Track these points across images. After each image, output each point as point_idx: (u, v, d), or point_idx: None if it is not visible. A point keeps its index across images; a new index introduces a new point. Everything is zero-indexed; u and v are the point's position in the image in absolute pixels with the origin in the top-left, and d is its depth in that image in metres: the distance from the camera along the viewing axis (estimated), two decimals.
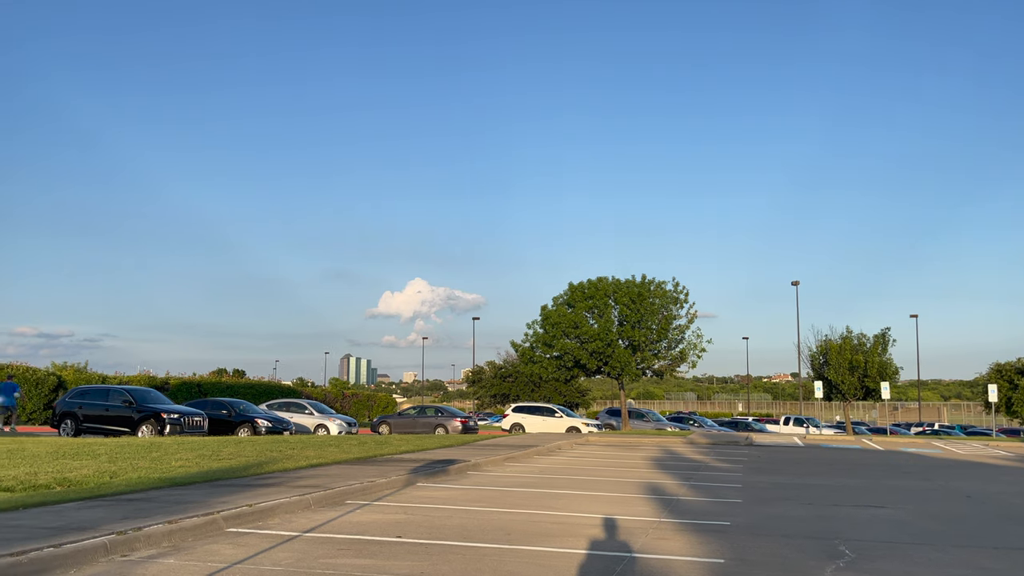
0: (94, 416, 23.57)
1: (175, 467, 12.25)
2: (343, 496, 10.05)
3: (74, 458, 13.24)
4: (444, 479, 13.18)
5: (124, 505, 8.29)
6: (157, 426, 22.70)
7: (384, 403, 58.12)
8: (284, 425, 27.27)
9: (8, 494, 8.75)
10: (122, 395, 23.99)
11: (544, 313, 38.47)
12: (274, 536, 7.39)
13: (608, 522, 8.80)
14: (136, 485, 9.92)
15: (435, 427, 32.85)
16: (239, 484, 10.49)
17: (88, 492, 9.11)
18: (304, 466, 13.29)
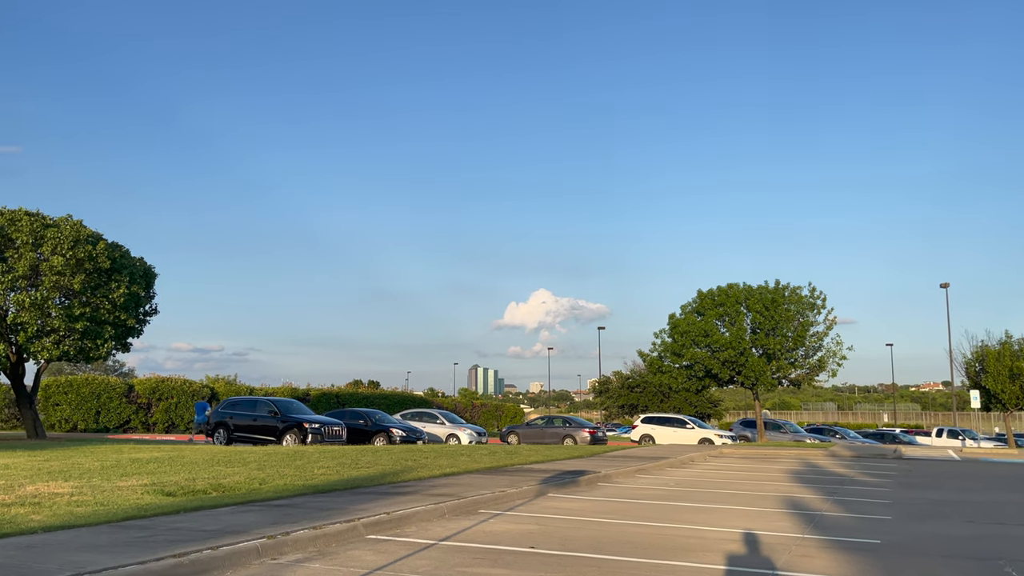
0: (243, 426, 25.02)
1: (317, 475, 12.79)
2: (476, 505, 10.17)
3: (227, 465, 14.08)
4: (575, 490, 13.11)
5: (273, 510, 8.72)
6: (300, 435, 23.83)
7: (512, 413, 58.70)
8: (417, 434, 28.00)
9: (170, 498, 9.39)
10: (268, 406, 25.37)
11: (672, 322, 37.72)
12: (411, 544, 7.56)
13: (747, 537, 8.48)
14: (283, 492, 10.42)
15: (563, 438, 32.83)
16: (377, 492, 10.83)
17: (240, 498, 9.65)
18: (438, 475, 13.57)
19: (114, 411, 39.36)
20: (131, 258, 25.74)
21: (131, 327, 25.34)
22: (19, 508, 8.13)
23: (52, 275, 22.40)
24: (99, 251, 23.50)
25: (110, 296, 23.89)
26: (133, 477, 11.55)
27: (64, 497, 9.08)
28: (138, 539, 6.70)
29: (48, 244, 22.59)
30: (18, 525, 7.10)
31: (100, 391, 39.29)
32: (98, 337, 23.86)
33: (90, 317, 23.43)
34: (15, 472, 11.92)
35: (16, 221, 22.86)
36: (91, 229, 24.37)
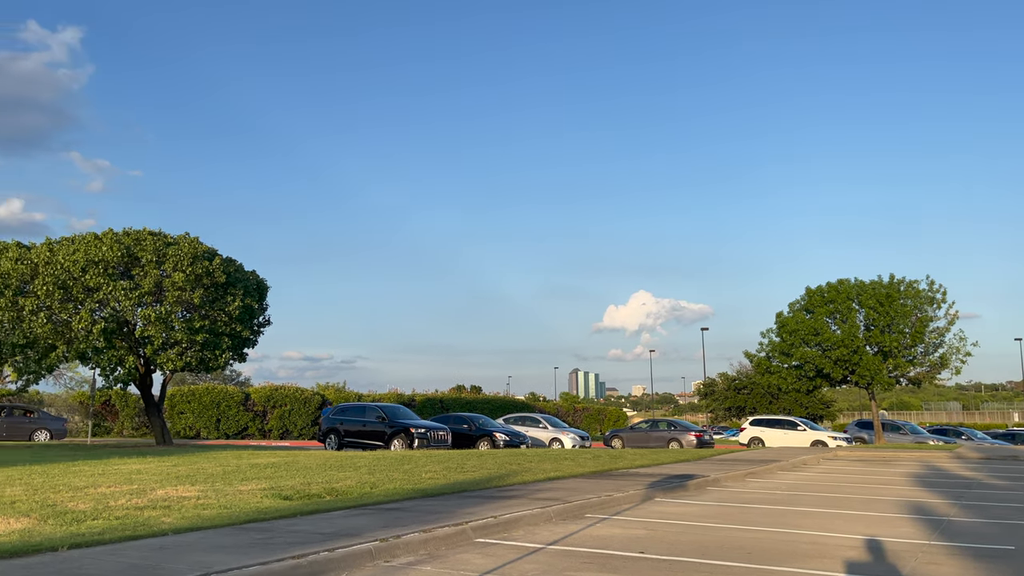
0: (353, 431, 25.78)
1: (425, 479, 13.03)
2: (582, 509, 10.12)
3: (339, 470, 14.53)
4: (683, 494, 12.86)
5: (384, 514, 8.93)
6: (407, 440, 24.35)
7: (615, 417, 58.20)
8: (521, 439, 28.13)
9: (287, 502, 9.76)
10: (376, 412, 26.05)
11: (780, 320, 36.54)
12: (519, 547, 7.59)
13: (869, 543, 8.10)
14: (393, 495, 10.66)
15: (668, 441, 32.30)
16: (483, 496, 10.93)
17: (352, 501, 9.93)
18: (542, 479, 13.59)
19: (233, 418, 41.32)
20: (244, 272, 26.97)
21: (246, 338, 26.54)
22: (151, 511, 8.62)
23: (174, 290, 23.73)
24: (215, 266, 24.74)
25: (226, 309, 25.10)
26: (252, 481, 12.07)
27: (191, 501, 9.58)
28: (259, 541, 6.98)
29: (170, 261, 23.96)
30: (151, 527, 7.53)
31: (220, 400, 41.33)
32: (217, 348, 25.11)
33: (209, 329, 24.69)
34: (146, 477, 12.67)
35: (141, 241, 24.35)
36: (207, 245, 25.70)
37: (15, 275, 23.32)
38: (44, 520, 7.79)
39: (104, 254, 23.43)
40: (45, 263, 23.43)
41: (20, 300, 23.21)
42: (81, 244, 24.01)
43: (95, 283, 23.25)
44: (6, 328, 22.85)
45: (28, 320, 23.05)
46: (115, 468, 14.32)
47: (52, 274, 23.08)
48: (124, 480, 12.03)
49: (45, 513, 8.25)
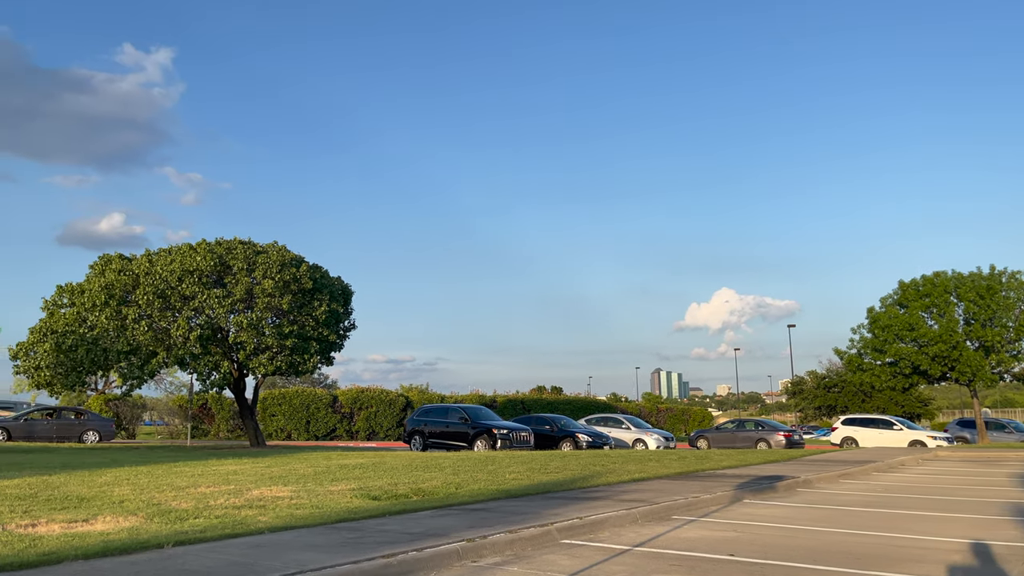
0: (437, 432, 26.12)
1: (509, 479, 13.10)
2: (668, 511, 9.99)
3: (425, 470, 14.76)
4: (772, 496, 12.55)
5: (469, 514, 9.02)
6: (490, 441, 24.53)
7: (699, 417, 57.20)
8: (603, 439, 27.97)
9: (376, 502, 9.98)
10: (459, 413, 26.33)
11: (872, 316, 35.24)
12: (605, 549, 7.55)
13: (974, 547, 7.72)
14: (477, 496, 10.76)
15: (756, 441, 31.56)
16: (568, 497, 10.92)
17: (439, 502, 10.07)
18: (627, 480, 13.48)
19: (321, 420, 42.47)
20: (330, 278, 27.70)
21: (333, 342, 27.26)
22: (248, 510, 8.95)
23: (264, 297, 24.58)
24: (302, 273, 25.50)
25: (313, 314, 25.83)
26: (342, 482, 12.39)
27: (285, 500, 9.89)
28: (350, 540, 7.16)
29: (259, 269, 24.82)
30: (248, 526, 7.82)
31: (309, 402, 42.55)
32: (305, 352, 25.88)
33: (298, 334, 25.46)
34: (242, 477, 13.15)
35: (232, 250, 25.31)
36: (294, 253, 26.51)
37: (119, 286, 24.59)
38: (150, 518, 8.18)
39: (198, 263, 24.46)
40: (145, 273, 24.63)
41: (123, 309, 24.47)
42: (177, 255, 25.14)
43: (191, 291, 24.31)
44: (111, 336, 24.13)
45: (131, 328, 24.28)
46: (213, 469, 14.92)
47: (152, 284, 24.24)
48: (222, 480, 12.52)
49: (151, 512, 8.67)
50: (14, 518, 8.10)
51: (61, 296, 25.56)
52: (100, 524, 7.81)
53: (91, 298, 24.33)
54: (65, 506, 9.14)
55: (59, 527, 7.59)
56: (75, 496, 10.11)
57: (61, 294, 25.59)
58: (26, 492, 10.51)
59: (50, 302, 25.64)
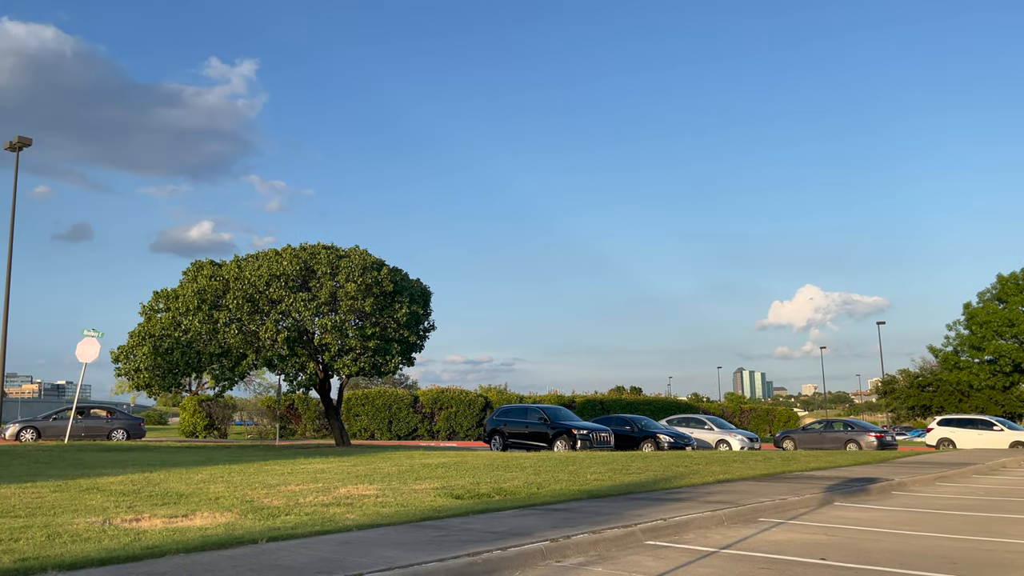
0: (516, 432, 26.23)
1: (590, 480, 13.05)
2: (755, 513, 9.78)
3: (506, 470, 14.84)
4: (864, 499, 12.13)
5: (552, 514, 9.03)
6: (569, 441, 24.49)
7: (785, 417, 55.74)
8: (685, 440, 27.56)
9: (459, 501, 10.09)
10: (538, 413, 26.38)
11: (968, 312, 33.71)
12: (691, 551, 7.44)
13: None
14: (559, 496, 10.76)
15: (845, 442, 30.55)
16: (650, 498, 10.80)
17: (520, 501, 10.12)
18: (711, 481, 13.25)
19: (403, 420, 43.21)
20: (410, 280, 28.17)
21: (414, 343, 27.71)
22: (336, 508, 9.18)
23: (347, 300, 25.18)
24: (383, 276, 26.01)
25: (395, 316, 26.32)
26: (425, 481, 12.58)
27: (371, 499, 10.11)
28: (435, 538, 7.27)
29: (342, 273, 25.44)
30: (337, 523, 8.02)
31: (391, 402, 43.36)
32: (387, 354, 26.39)
33: (380, 336, 25.99)
34: (329, 476, 13.50)
35: (316, 255, 26.02)
36: (375, 256, 27.06)
37: (210, 291, 25.60)
38: (244, 515, 8.48)
39: (285, 268, 25.25)
40: (235, 279, 25.57)
41: (215, 313, 25.47)
42: (264, 260, 26.01)
43: (278, 295, 25.11)
44: (204, 339, 25.15)
45: (222, 331, 25.26)
46: (302, 467, 15.37)
47: (241, 288, 25.15)
48: (310, 479, 12.88)
49: (245, 508, 8.99)
50: (119, 513, 8.52)
51: (157, 301, 26.80)
52: (198, 519, 8.14)
53: (185, 303, 25.44)
54: (165, 502, 9.57)
55: (161, 522, 7.95)
56: (174, 492, 10.58)
57: (157, 299, 26.83)
58: (129, 488, 11.05)
59: (147, 307, 26.92)
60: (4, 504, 9.11)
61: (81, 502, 9.42)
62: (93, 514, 8.37)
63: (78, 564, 5.87)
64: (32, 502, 9.35)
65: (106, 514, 8.39)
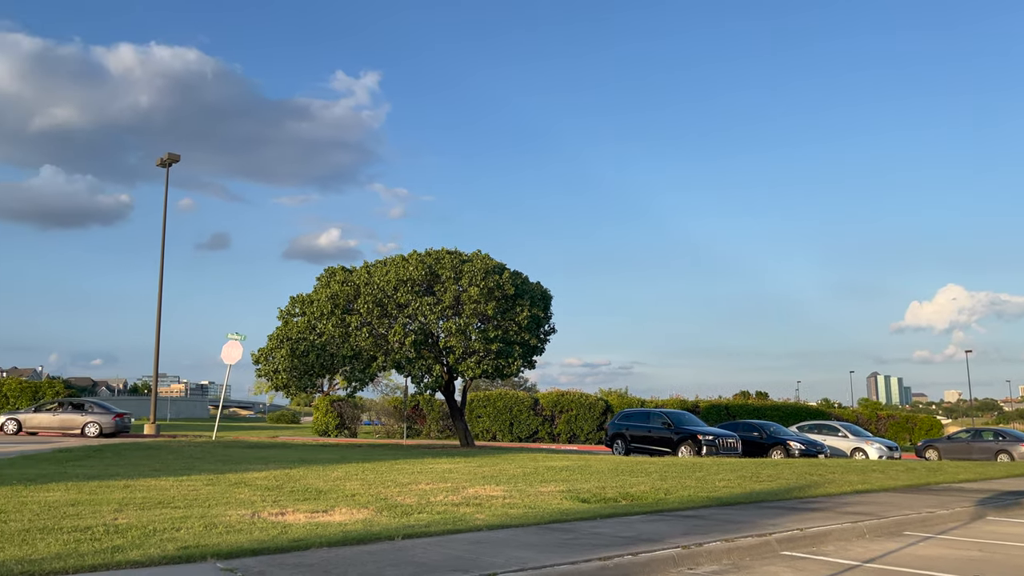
0: (639, 437, 25.95)
1: (719, 487, 12.75)
2: (899, 526, 9.28)
3: (631, 475, 14.72)
4: (1021, 513, 11.27)
5: (681, 521, 8.90)
6: (694, 447, 24.00)
7: (927, 425, 52.44)
8: (818, 448, 26.45)
9: (585, 505, 10.10)
10: (661, 418, 26.01)
11: None
12: (831, 564, 7.15)
13: None
14: (687, 503, 10.58)
15: (996, 453, 28.46)
16: (783, 507, 10.45)
17: (648, 507, 10.02)
18: (848, 491, 12.67)
19: (524, 422, 43.58)
20: (530, 284, 28.40)
21: (535, 346, 27.92)
22: (465, 508, 9.39)
23: (470, 304, 25.68)
24: (505, 280, 26.36)
25: (516, 319, 26.61)
26: (551, 484, 12.65)
27: (498, 499, 10.28)
28: (564, 541, 7.31)
29: (465, 277, 25.97)
30: (467, 522, 8.21)
31: (512, 405, 43.82)
32: (509, 356, 26.71)
33: (502, 339, 26.35)
34: (457, 476, 13.81)
35: (440, 260, 26.68)
36: (496, 260, 27.46)
37: (342, 296, 26.73)
38: (380, 512, 8.82)
39: (411, 273, 26.03)
40: (365, 284, 26.58)
41: (347, 317, 26.57)
42: (392, 266, 26.91)
43: (405, 300, 25.93)
44: (337, 342, 26.29)
45: (354, 335, 26.32)
46: (430, 467, 15.80)
47: (371, 293, 26.12)
48: (439, 478, 13.22)
49: (380, 506, 9.34)
50: (266, 506, 9.04)
51: (294, 306, 28.21)
52: (337, 515, 8.52)
53: (319, 307, 26.67)
54: (306, 497, 10.08)
55: (303, 516, 8.38)
56: (314, 489, 11.11)
57: (294, 304, 28.25)
58: (273, 484, 11.70)
59: (284, 311, 28.39)
60: (165, 495, 9.86)
61: (231, 495, 10.06)
62: (243, 507, 8.92)
63: (233, 554, 6.27)
64: (188, 494, 10.06)
65: (254, 507, 8.92)
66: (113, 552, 6.09)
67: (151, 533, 6.97)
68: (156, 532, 7.04)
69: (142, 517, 7.93)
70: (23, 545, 6.26)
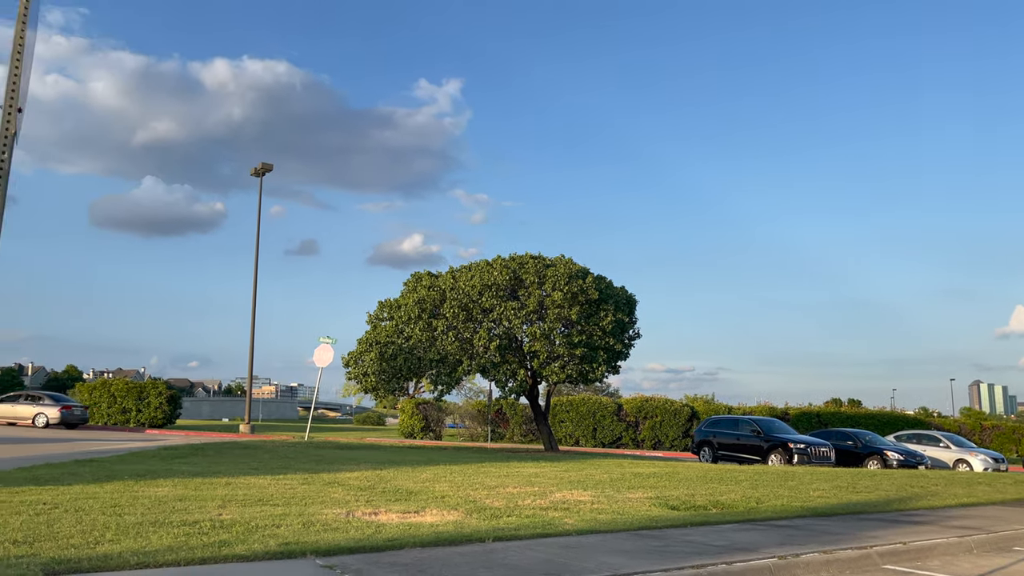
0: (727, 444, 25.43)
1: (813, 496, 12.39)
2: (1010, 541, 8.82)
3: (720, 483, 14.45)
4: None
5: (775, 531, 8.69)
6: (785, 455, 23.35)
7: None
8: (917, 458, 25.35)
9: (675, 512, 9.98)
10: (750, 425, 25.42)
11: None
12: None
13: None
14: (780, 512, 10.32)
15: None
16: (883, 519, 10.07)
17: (739, 516, 9.82)
18: (953, 504, 12.11)
19: (607, 428, 43.28)
20: (614, 288, 28.24)
21: (619, 351, 27.73)
22: (553, 512, 9.41)
23: (554, 308, 25.72)
24: (588, 284, 26.29)
25: (600, 324, 26.50)
26: (638, 490, 12.54)
27: (586, 504, 10.26)
28: (656, 548, 7.24)
29: (549, 282, 26.03)
30: (556, 527, 8.23)
31: (595, 410, 43.60)
32: (593, 361, 26.62)
33: (586, 343, 26.29)
34: (543, 480, 13.84)
35: (524, 264, 26.83)
36: (579, 265, 27.42)
37: (428, 300, 27.20)
38: (469, 514, 8.93)
39: (495, 278, 26.26)
40: (450, 289, 26.97)
41: (433, 322, 27.01)
42: (476, 271, 27.21)
43: (489, 304, 26.17)
44: (424, 346, 26.76)
45: (440, 339, 26.74)
46: (516, 471, 15.88)
47: (456, 298, 26.49)
48: (526, 482, 13.28)
49: (469, 508, 9.45)
50: (359, 506, 9.28)
51: (382, 310, 28.87)
52: (428, 516, 8.68)
53: (406, 312, 27.21)
54: (397, 498, 10.29)
55: (396, 516, 8.56)
56: (404, 490, 11.33)
57: (382, 309, 28.91)
58: (365, 484, 11.99)
59: (373, 316, 29.08)
60: (263, 493, 10.23)
61: (326, 495, 10.36)
62: (337, 506, 9.18)
63: (332, 551, 6.47)
64: (286, 492, 10.42)
65: (348, 506, 9.17)
66: (220, 546, 6.37)
67: (253, 529, 7.26)
68: (258, 528, 7.32)
69: (244, 513, 8.26)
70: (138, 537, 6.61)
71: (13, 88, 3.53)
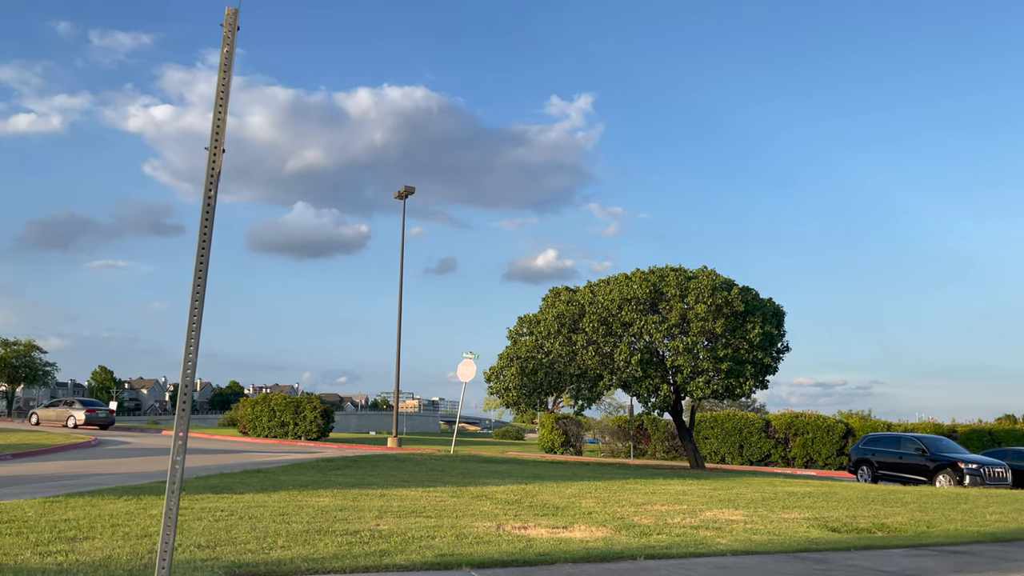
0: (888, 463, 23.92)
1: (990, 520, 11.45)
2: None
3: (883, 504, 13.60)
4: None
5: (948, 556, 8.10)
6: (955, 476, 21.70)
7: None
8: None
9: (835, 534, 9.48)
10: (914, 443, 23.82)
11: None
12: None
13: None
14: (954, 537, 9.60)
15: None
16: None
17: (908, 540, 9.21)
18: None
19: (755, 445, 41.71)
20: (761, 300, 27.27)
21: (768, 365, 26.72)
22: (705, 531, 9.18)
23: (697, 322, 25.15)
24: (733, 296, 25.53)
25: (747, 337, 25.65)
26: (794, 510, 12.01)
27: (739, 524, 9.93)
28: (817, 572, 6.92)
29: (691, 294, 25.50)
30: (709, 546, 8.03)
31: (741, 426, 42.14)
32: (740, 376, 25.78)
33: (732, 357, 25.51)
34: (692, 498, 13.53)
35: (664, 277, 26.42)
36: (724, 276, 26.68)
37: (568, 315, 27.28)
38: (618, 531, 8.86)
39: (635, 292, 26.00)
40: (589, 303, 26.95)
41: (573, 336, 27.06)
42: (615, 284, 27.05)
43: (629, 318, 25.93)
44: (564, 360, 26.86)
45: (580, 353, 26.75)
46: (662, 488, 15.60)
47: (595, 312, 26.42)
48: (673, 500, 13.03)
49: (617, 524, 9.39)
50: (508, 520, 9.42)
51: (521, 326, 29.23)
52: (577, 532, 8.68)
53: (546, 327, 27.40)
54: (544, 513, 10.36)
55: (545, 531, 8.63)
56: (551, 505, 11.40)
57: (521, 324, 29.28)
58: (512, 498, 12.15)
59: (513, 331, 29.50)
60: (416, 505, 10.59)
61: (475, 507, 10.59)
62: (487, 519, 9.36)
63: (486, 564, 6.61)
64: (437, 505, 10.73)
65: (497, 520, 9.32)
66: (380, 555, 6.65)
67: (410, 540, 7.52)
68: (414, 539, 7.58)
69: (400, 524, 8.57)
70: (306, 545, 7.01)
71: (218, 130, 3.86)
